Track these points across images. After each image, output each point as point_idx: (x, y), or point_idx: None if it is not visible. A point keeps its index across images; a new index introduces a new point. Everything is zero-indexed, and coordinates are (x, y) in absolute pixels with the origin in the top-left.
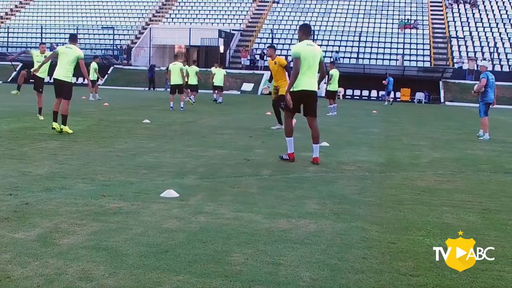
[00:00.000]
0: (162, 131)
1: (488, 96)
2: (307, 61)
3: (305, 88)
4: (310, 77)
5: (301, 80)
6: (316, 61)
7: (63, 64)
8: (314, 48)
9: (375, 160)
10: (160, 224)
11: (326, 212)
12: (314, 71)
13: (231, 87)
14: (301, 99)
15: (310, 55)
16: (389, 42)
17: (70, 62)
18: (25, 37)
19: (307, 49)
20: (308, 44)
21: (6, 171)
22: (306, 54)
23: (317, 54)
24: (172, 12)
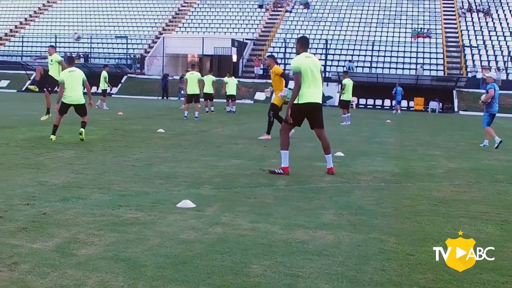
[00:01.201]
0: (177, 141)
1: (493, 107)
2: (308, 72)
3: (311, 100)
4: (315, 89)
5: (307, 92)
6: (316, 71)
7: (74, 87)
8: (313, 59)
9: (390, 170)
10: (178, 234)
11: (343, 223)
12: (318, 82)
13: (244, 96)
14: (306, 112)
15: (310, 66)
16: (402, 51)
17: (80, 84)
18: (40, 46)
19: (307, 61)
20: (307, 56)
21: (23, 181)
22: (306, 67)
23: (316, 64)
24: (185, 21)
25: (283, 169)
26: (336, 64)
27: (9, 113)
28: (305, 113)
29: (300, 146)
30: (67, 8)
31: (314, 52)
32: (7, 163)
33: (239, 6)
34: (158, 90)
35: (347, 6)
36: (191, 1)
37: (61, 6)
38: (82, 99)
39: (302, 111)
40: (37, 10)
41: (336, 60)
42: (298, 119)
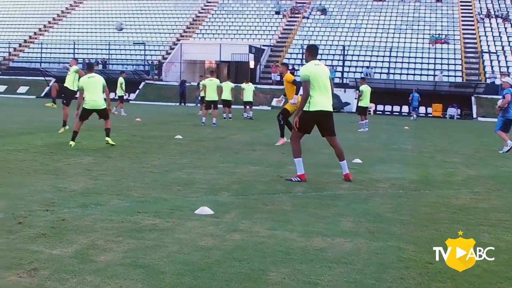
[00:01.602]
0: (194, 147)
1: (509, 112)
2: (318, 80)
3: (321, 108)
4: (326, 97)
5: (318, 100)
6: (325, 79)
7: (95, 93)
8: (322, 67)
9: (408, 177)
10: (196, 241)
11: (361, 230)
12: (328, 90)
13: (261, 103)
14: (316, 119)
15: (320, 74)
16: (420, 57)
17: (100, 90)
18: (58, 53)
19: (316, 69)
20: (316, 64)
21: (42, 187)
22: (315, 74)
23: (325, 72)
24: (203, 27)
25: (299, 177)
26: (353, 70)
27: (28, 119)
28: (315, 121)
29: (317, 153)
30: (85, 14)
31: (332, 59)
32: (26, 169)
33: (256, 13)
34: (175, 96)
35: (364, 12)
36: (208, 8)
37: (79, 12)
38: (103, 104)
39: (312, 118)
40: (55, 17)
41: (354, 66)
42: (308, 126)
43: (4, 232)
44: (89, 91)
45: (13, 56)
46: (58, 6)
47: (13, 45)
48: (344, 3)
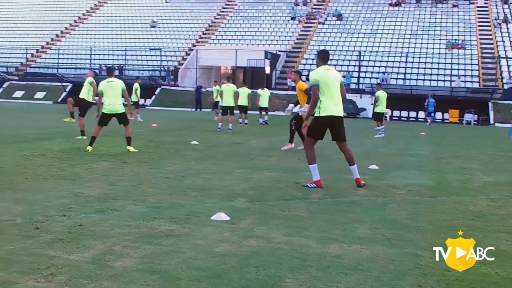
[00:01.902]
0: (211, 153)
1: None
2: (328, 85)
3: (331, 114)
4: (336, 102)
5: (328, 105)
6: (335, 84)
7: (113, 97)
8: (333, 72)
9: (425, 184)
10: (212, 247)
11: (378, 237)
12: (337, 94)
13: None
14: (327, 124)
15: (330, 79)
16: (436, 63)
17: (118, 94)
18: (75, 59)
19: (326, 74)
20: (326, 69)
21: (59, 192)
22: (324, 79)
23: (336, 77)
24: (219, 33)
25: (315, 183)
26: (369, 76)
27: (46, 125)
28: (326, 126)
29: (333, 159)
30: (102, 21)
31: (348, 64)
32: (43, 174)
33: (272, 18)
34: (191, 102)
35: (380, 18)
36: (224, 14)
37: (96, 19)
38: (121, 109)
39: (323, 123)
40: (72, 23)
41: (370, 72)
42: (319, 132)
43: (21, 237)
44: (108, 95)
45: (31, 62)
46: (75, 12)
47: (30, 50)
48: (360, 8)
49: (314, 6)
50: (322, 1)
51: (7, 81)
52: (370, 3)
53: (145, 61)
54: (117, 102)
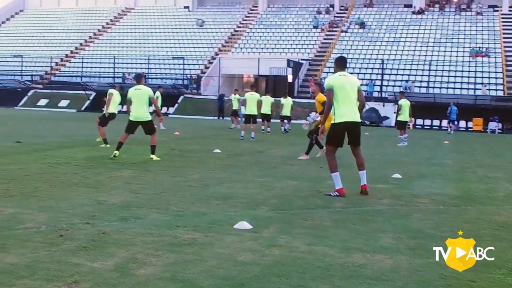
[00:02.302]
0: (233, 161)
1: None
2: (342, 90)
3: (347, 119)
4: (351, 107)
5: (343, 110)
6: (351, 90)
7: (140, 105)
8: (348, 78)
9: (449, 193)
10: (235, 256)
11: (401, 247)
12: (352, 100)
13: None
14: (344, 130)
15: (344, 85)
16: (460, 71)
17: (145, 102)
18: (98, 67)
19: (340, 79)
20: (341, 75)
21: (82, 200)
22: (339, 84)
23: (352, 83)
24: (241, 42)
25: (338, 191)
26: (392, 84)
27: (69, 133)
28: (343, 132)
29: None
30: (125, 30)
31: (370, 72)
32: (67, 182)
33: (294, 27)
34: (214, 110)
35: (403, 26)
36: (247, 22)
37: (120, 28)
38: (147, 117)
39: (340, 130)
40: (96, 32)
41: (393, 80)
42: (338, 139)
43: (46, 244)
44: (134, 102)
45: (55, 71)
46: (99, 22)
47: (55, 59)
48: (383, 16)
49: (336, 15)
50: (344, 9)
51: (32, 89)
52: (393, 11)
53: (168, 69)
54: (143, 110)
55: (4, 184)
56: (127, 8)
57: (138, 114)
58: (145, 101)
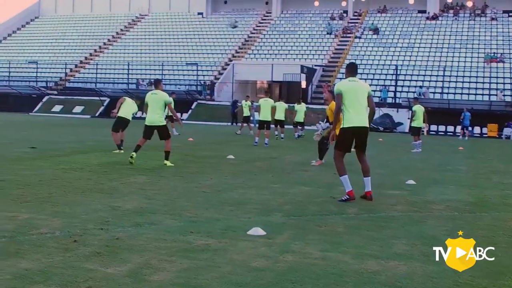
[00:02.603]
0: (247, 167)
1: None
2: (350, 95)
3: (355, 124)
4: (359, 112)
5: (351, 115)
6: (360, 95)
7: (154, 109)
8: (358, 83)
9: (464, 199)
10: (248, 262)
11: (415, 253)
12: (361, 105)
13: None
14: (352, 135)
15: (353, 90)
16: (474, 77)
17: (160, 107)
18: (112, 73)
19: (349, 84)
20: (351, 80)
21: (96, 205)
22: (347, 89)
23: (361, 88)
24: (255, 48)
25: (348, 194)
26: (406, 90)
27: (84, 139)
28: (351, 137)
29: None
30: (139, 36)
31: (384, 78)
32: (81, 187)
33: (308, 33)
34: (227, 116)
35: (417, 31)
36: (260, 28)
37: (133, 34)
38: (161, 121)
39: (348, 134)
40: (110, 38)
41: (407, 86)
42: (346, 144)
43: (60, 250)
44: (150, 106)
45: (69, 77)
46: (113, 28)
47: (69, 66)
48: (397, 22)
49: (350, 20)
50: (358, 15)
51: (47, 95)
52: (407, 17)
53: (182, 75)
54: (157, 115)
55: (18, 189)
56: (141, 15)
57: (152, 119)
58: (160, 106)
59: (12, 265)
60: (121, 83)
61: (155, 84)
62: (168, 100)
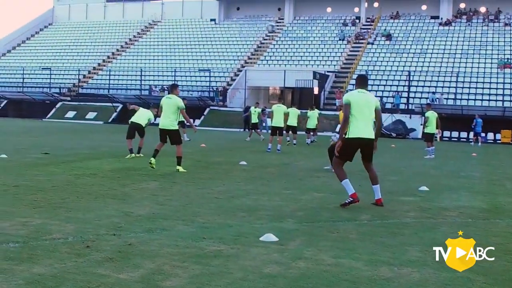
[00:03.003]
0: (259, 173)
1: None
2: (358, 107)
3: (362, 136)
4: (365, 123)
5: (357, 126)
6: (367, 108)
7: (167, 114)
8: (366, 95)
9: (477, 206)
10: (260, 268)
11: (429, 260)
12: (367, 117)
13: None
14: (357, 146)
15: (361, 101)
16: (488, 82)
17: (173, 112)
18: (125, 80)
19: (358, 96)
20: (360, 92)
21: (109, 211)
22: (355, 100)
23: (369, 100)
24: (267, 54)
25: (351, 197)
26: (419, 96)
27: (97, 145)
28: (355, 147)
29: (384, 180)
30: (151, 42)
31: (397, 84)
32: (94, 193)
33: (320, 39)
34: (240, 122)
35: (430, 37)
36: (273, 34)
37: (146, 40)
38: (172, 126)
39: (351, 145)
40: (123, 45)
41: (419, 92)
42: (347, 153)
43: (72, 255)
44: (163, 111)
45: (83, 83)
46: (126, 34)
47: (82, 72)
48: (410, 28)
49: (362, 26)
50: (371, 21)
51: (60, 101)
52: (420, 23)
53: (194, 81)
54: (169, 119)
55: (32, 195)
56: (154, 21)
57: (164, 123)
58: (173, 111)
59: (25, 270)
60: (134, 89)
61: (170, 88)
62: (181, 105)
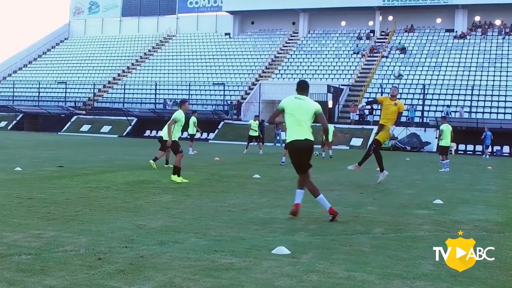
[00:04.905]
0: (273, 187)
1: None
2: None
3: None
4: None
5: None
6: (304, 114)
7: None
8: (303, 101)
9: (492, 219)
10: (272, 281)
11: (442, 274)
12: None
13: (340, 142)
14: (294, 150)
15: (294, 107)
16: (503, 95)
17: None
18: (140, 93)
19: (293, 102)
20: (296, 97)
21: (122, 224)
22: (289, 106)
23: (304, 107)
24: (282, 68)
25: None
26: (434, 109)
27: (111, 158)
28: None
29: (398, 193)
30: (166, 56)
31: (412, 97)
32: (107, 206)
33: (335, 52)
34: None
35: (445, 50)
36: (287, 48)
37: (161, 54)
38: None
39: (290, 150)
40: (138, 59)
41: (434, 105)
42: (293, 161)
43: (84, 267)
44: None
45: (98, 97)
46: (141, 49)
47: (97, 86)
48: (424, 41)
49: (377, 40)
50: (385, 34)
51: (75, 115)
52: (435, 36)
53: (209, 95)
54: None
55: (46, 207)
56: (169, 35)
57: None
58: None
59: (37, 282)
60: (149, 103)
61: (179, 103)
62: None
